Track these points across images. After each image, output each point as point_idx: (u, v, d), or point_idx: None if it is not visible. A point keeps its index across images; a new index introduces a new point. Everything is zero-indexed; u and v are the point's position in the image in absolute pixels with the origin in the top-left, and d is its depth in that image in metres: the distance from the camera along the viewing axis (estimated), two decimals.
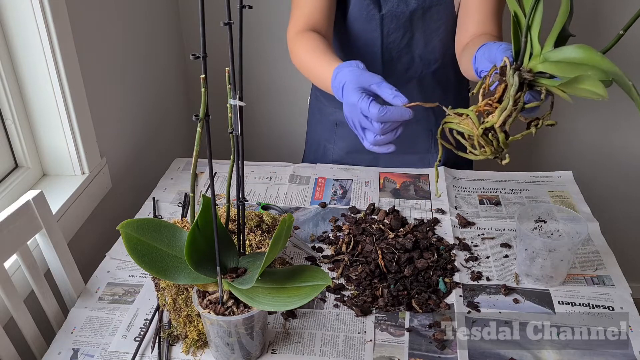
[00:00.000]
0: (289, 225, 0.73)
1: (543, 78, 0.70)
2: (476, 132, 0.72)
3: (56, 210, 0.99)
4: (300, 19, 1.07)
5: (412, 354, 0.79)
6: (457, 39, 1.09)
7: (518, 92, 0.70)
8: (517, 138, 0.72)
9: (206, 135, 0.65)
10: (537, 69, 0.70)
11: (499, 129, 0.71)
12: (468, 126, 0.73)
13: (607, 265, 0.94)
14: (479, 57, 0.82)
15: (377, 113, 0.76)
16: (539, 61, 0.70)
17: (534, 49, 0.71)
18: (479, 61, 0.82)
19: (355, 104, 0.79)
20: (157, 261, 0.71)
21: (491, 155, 0.74)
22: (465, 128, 0.74)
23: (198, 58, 0.59)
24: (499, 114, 0.70)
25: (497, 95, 0.72)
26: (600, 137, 1.72)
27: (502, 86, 0.72)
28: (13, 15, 0.95)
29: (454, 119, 0.75)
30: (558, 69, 0.68)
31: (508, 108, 0.69)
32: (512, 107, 0.69)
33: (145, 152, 1.42)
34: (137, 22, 1.36)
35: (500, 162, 0.75)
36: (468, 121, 0.73)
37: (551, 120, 0.72)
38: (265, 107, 1.77)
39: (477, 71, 0.83)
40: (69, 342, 0.82)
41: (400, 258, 0.93)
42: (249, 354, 0.77)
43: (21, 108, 1.03)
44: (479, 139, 0.72)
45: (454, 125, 0.76)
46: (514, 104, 0.69)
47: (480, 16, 1.03)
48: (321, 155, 1.32)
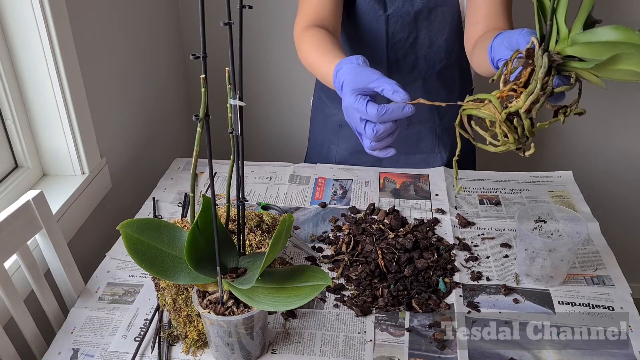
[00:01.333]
0: (289, 225, 0.73)
1: (573, 61, 0.65)
2: (499, 117, 0.66)
3: (56, 210, 0.99)
4: (307, 15, 1.06)
5: (412, 354, 0.79)
6: (467, 35, 1.08)
7: (546, 76, 0.64)
8: (545, 125, 0.67)
9: (206, 135, 0.65)
10: (566, 53, 0.65)
11: (524, 115, 0.65)
12: (489, 111, 0.67)
13: (607, 265, 0.94)
14: (496, 46, 0.79)
15: (376, 113, 0.73)
16: (567, 44, 0.65)
17: (561, 33, 0.66)
18: (496, 50, 0.79)
19: (352, 106, 0.77)
20: (157, 261, 0.71)
21: (514, 146, 0.67)
22: (486, 113, 0.67)
23: (198, 58, 0.59)
24: (525, 98, 0.64)
25: (523, 80, 0.66)
26: (600, 137, 1.72)
27: (527, 70, 0.66)
28: (13, 15, 0.95)
29: (473, 105, 0.69)
30: (591, 51, 0.63)
31: (535, 92, 0.64)
32: (539, 90, 0.64)
33: (145, 152, 1.42)
34: (137, 22, 1.36)
35: (524, 153, 0.68)
36: (489, 106, 0.67)
37: (580, 108, 0.67)
38: (265, 107, 1.77)
39: (494, 60, 0.80)
40: (69, 342, 0.82)
41: (400, 258, 0.93)
42: (249, 354, 0.77)
43: (21, 108, 1.03)
44: (502, 126, 0.66)
45: (473, 111, 0.69)
46: (541, 88, 0.64)
47: (490, 9, 1.02)
48: (325, 155, 1.32)
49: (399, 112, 0.73)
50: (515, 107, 0.65)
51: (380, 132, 0.75)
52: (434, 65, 1.16)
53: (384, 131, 0.75)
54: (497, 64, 0.79)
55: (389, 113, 0.73)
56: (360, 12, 1.11)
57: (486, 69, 0.92)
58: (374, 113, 0.74)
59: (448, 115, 1.23)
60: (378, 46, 1.14)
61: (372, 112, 0.74)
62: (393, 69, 1.16)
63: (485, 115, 0.68)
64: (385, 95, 0.75)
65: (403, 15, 1.10)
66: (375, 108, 0.74)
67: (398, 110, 0.73)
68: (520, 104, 0.65)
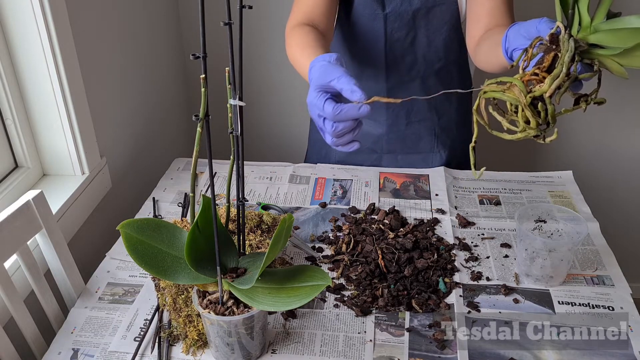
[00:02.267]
0: (289, 225, 0.73)
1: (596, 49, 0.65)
2: (523, 100, 0.65)
3: (56, 210, 0.99)
4: (299, 14, 1.07)
5: (412, 354, 0.79)
6: (469, 33, 1.08)
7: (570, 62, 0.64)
8: (569, 111, 0.67)
9: (206, 135, 0.65)
10: (589, 41, 0.65)
11: (549, 100, 0.64)
12: (514, 94, 0.66)
13: (607, 265, 0.94)
14: (511, 35, 0.79)
15: (331, 112, 0.74)
16: (589, 32, 0.65)
17: (583, 21, 0.66)
18: (512, 39, 0.78)
19: (312, 103, 0.78)
20: (157, 261, 0.71)
21: (534, 132, 0.67)
22: (510, 97, 0.66)
23: (198, 58, 0.59)
24: (550, 82, 0.64)
25: (546, 64, 0.66)
26: (600, 137, 1.72)
27: (550, 55, 0.66)
28: (13, 15, 0.95)
29: (497, 87, 0.68)
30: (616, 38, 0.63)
31: (561, 76, 0.63)
32: (564, 75, 0.63)
33: (145, 152, 1.42)
34: (137, 22, 1.36)
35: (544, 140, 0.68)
36: (514, 89, 0.66)
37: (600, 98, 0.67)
38: (265, 107, 1.77)
39: (508, 50, 0.80)
40: (69, 342, 0.82)
41: (400, 258, 0.93)
42: (249, 354, 0.77)
43: (21, 108, 1.03)
44: (526, 110, 0.65)
45: (497, 94, 0.68)
46: (567, 72, 0.63)
47: (492, 5, 1.02)
48: (324, 156, 1.32)
49: (354, 112, 0.74)
50: (540, 91, 0.65)
51: (339, 130, 0.76)
52: (433, 64, 1.16)
53: (343, 129, 0.76)
54: (512, 54, 0.79)
55: (345, 112, 0.74)
56: (358, 11, 1.12)
57: (493, 63, 0.92)
58: (329, 111, 0.75)
59: (447, 114, 1.23)
60: (376, 45, 1.14)
61: (328, 110, 0.75)
62: (391, 67, 1.16)
63: (509, 98, 0.67)
64: (343, 94, 0.76)
65: (401, 14, 1.10)
66: (331, 106, 0.74)
67: (354, 110, 0.74)
68: (546, 87, 0.64)
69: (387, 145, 1.25)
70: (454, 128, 1.24)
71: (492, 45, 0.92)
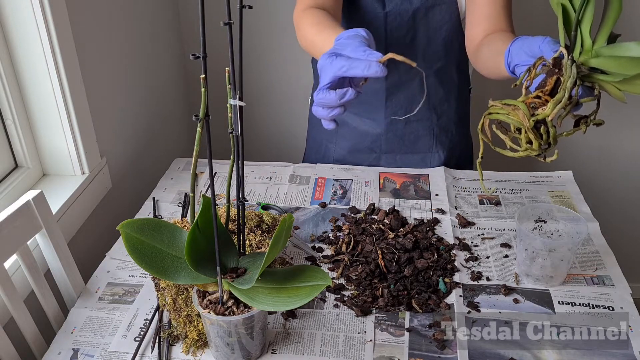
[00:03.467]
0: (289, 225, 0.73)
1: (597, 74, 0.66)
2: (527, 124, 0.67)
3: (56, 210, 0.99)
4: None
5: (412, 354, 0.79)
6: (468, 36, 1.08)
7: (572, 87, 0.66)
8: (570, 134, 0.69)
9: (206, 135, 0.65)
10: (590, 64, 0.67)
11: (551, 123, 0.67)
12: (518, 118, 0.68)
13: (607, 265, 0.94)
14: (514, 51, 0.79)
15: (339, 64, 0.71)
16: (591, 56, 0.67)
17: (585, 44, 0.67)
18: (514, 55, 0.79)
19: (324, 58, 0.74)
20: (157, 261, 0.71)
21: (536, 152, 0.69)
22: (514, 120, 0.69)
23: (198, 58, 0.59)
24: (552, 107, 0.66)
25: (549, 88, 0.68)
26: (600, 137, 1.72)
27: (553, 78, 0.68)
28: (13, 15, 0.95)
29: (502, 109, 0.70)
30: (617, 65, 0.64)
31: (563, 101, 0.66)
32: (567, 100, 0.66)
33: (145, 152, 1.42)
34: (137, 22, 1.36)
35: (544, 159, 0.70)
36: (518, 112, 0.68)
37: (599, 119, 0.69)
38: (265, 107, 1.77)
39: (511, 66, 0.80)
40: (69, 342, 0.82)
41: (400, 258, 0.93)
42: (249, 354, 0.77)
43: (21, 108, 1.03)
44: (529, 133, 0.68)
45: (501, 117, 0.70)
46: (568, 98, 0.66)
47: (491, 9, 1.02)
48: (322, 155, 1.32)
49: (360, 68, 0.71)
50: (543, 114, 0.67)
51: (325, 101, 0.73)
52: (432, 64, 1.16)
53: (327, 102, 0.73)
54: (515, 69, 0.80)
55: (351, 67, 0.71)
56: (358, 9, 1.12)
57: (493, 71, 0.92)
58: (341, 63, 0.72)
59: (446, 114, 1.23)
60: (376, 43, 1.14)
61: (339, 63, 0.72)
62: (391, 66, 1.15)
63: (513, 121, 0.69)
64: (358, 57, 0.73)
65: (401, 13, 1.10)
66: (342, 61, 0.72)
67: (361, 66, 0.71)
68: (548, 112, 0.67)
69: (386, 144, 1.25)
70: (453, 129, 1.24)
71: (492, 53, 0.92)
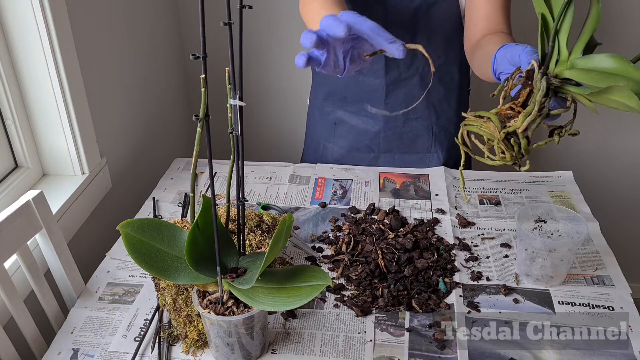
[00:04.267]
0: (289, 225, 0.73)
1: (569, 85, 0.67)
2: (497, 136, 0.69)
3: (56, 210, 0.99)
4: None
5: (412, 354, 0.79)
6: (467, 36, 1.08)
7: (543, 98, 0.67)
8: (541, 146, 0.70)
9: (206, 135, 0.65)
10: (564, 75, 0.68)
11: (522, 135, 0.68)
12: (489, 130, 0.70)
13: (607, 265, 0.94)
14: (499, 58, 0.80)
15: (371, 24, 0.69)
16: (566, 67, 0.68)
17: (561, 55, 0.68)
18: (499, 62, 0.80)
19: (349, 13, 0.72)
20: (157, 261, 0.71)
21: (510, 162, 0.71)
22: (485, 132, 0.71)
23: (198, 58, 0.59)
24: (522, 119, 0.68)
25: (521, 100, 0.70)
26: (600, 137, 1.72)
27: (526, 90, 0.69)
28: (13, 15, 0.95)
29: (475, 121, 0.72)
30: (587, 78, 0.65)
31: (533, 113, 0.67)
32: (537, 112, 0.67)
33: (145, 152, 1.42)
34: (137, 22, 1.36)
35: (519, 168, 0.72)
36: (489, 125, 0.70)
37: (574, 129, 0.70)
38: (265, 107, 1.77)
39: (496, 73, 0.81)
40: (69, 342, 0.82)
41: (400, 258, 0.93)
42: (249, 354, 0.77)
43: (21, 108, 1.03)
44: (500, 144, 0.69)
45: (473, 129, 0.72)
46: (539, 110, 0.67)
47: (489, 10, 1.02)
48: (321, 154, 1.32)
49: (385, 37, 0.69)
50: (513, 127, 0.69)
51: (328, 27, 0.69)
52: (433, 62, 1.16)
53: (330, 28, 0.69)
54: (499, 76, 0.80)
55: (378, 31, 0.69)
56: (359, 6, 1.12)
57: (486, 75, 0.92)
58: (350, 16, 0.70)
59: (445, 114, 1.23)
60: None
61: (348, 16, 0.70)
62: (391, 63, 1.16)
63: (484, 133, 0.71)
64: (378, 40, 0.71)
65: (402, 11, 1.10)
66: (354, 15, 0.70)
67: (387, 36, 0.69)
68: (518, 124, 0.68)
69: (384, 143, 1.25)
70: (452, 129, 1.24)
71: (483, 56, 0.93)
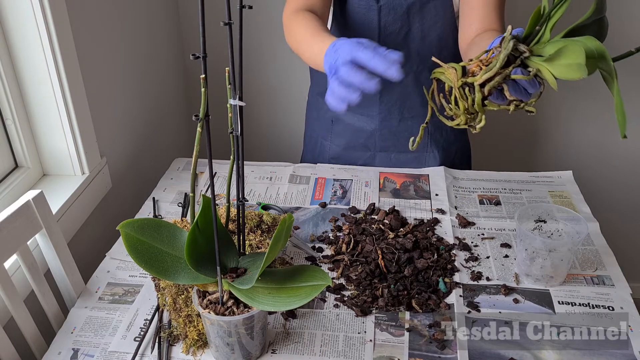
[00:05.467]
0: (289, 225, 0.73)
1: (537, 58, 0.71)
2: (455, 82, 0.74)
3: (56, 210, 0.99)
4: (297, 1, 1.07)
5: (412, 354, 0.79)
6: (461, 35, 1.08)
7: (510, 64, 0.71)
8: (493, 108, 0.73)
9: (206, 135, 0.65)
10: (537, 52, 0.72)
11: (478, 88, 0.72)
12: (450, 76, 0.75)
13: (607, 265, 0.94)
14: None
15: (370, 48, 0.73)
16: (542, 46, 0.72)
17: (544, 37, 0.72)
18: None
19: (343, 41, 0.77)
20: (157, 261, 0.71)
21: (464, 117, 0.75)
22: (447, 77, 0.75)
23: (198, 58, 0.59)
24: (482, 73, 0.71)
25: (488, 58, 0.74)
26: (600, 137, 1.72)
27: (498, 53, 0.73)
28: (13, 15, 0.95)
29: (441, 69, 0.77)
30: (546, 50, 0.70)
31: (493, 70, 0.70)
32: (497, 69, 0.70)
33: (145, 152, 1.42)
34: (137, 22, 1.36)
35: (473, 129, 0.75)
36: (451, 71, 0.75)
37: (533, 107, 0.73)
38: (265, 107, 1.77)
39: None
40: (69, 342, 0.82)
41: (400, 258, 0.93)
42: (249, 354, 0.77)
43: (21, 108, 1.03)
44: (455, 91, 0.74)
45: (439, 75, 0.77)
46: (499, 68, 0.70)
47: (484, 10, 1.03)
48: (318, 152, 1.32)
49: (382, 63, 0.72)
50: (472, 79, 0.73)
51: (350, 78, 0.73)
52: (426, 60, 1.16)
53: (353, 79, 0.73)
54: None
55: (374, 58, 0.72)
56: (353, 2, 1.12)
57: None
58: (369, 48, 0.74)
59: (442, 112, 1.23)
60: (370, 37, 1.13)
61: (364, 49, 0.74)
62: None
63: (445, 79, 0.76)
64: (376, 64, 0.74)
65: (395, 7, 1.10)
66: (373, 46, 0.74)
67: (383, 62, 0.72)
68: (478, 77, 0.72)
69: (380, 142, 1.25)
70: (449, 128, 1.24)
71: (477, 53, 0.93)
